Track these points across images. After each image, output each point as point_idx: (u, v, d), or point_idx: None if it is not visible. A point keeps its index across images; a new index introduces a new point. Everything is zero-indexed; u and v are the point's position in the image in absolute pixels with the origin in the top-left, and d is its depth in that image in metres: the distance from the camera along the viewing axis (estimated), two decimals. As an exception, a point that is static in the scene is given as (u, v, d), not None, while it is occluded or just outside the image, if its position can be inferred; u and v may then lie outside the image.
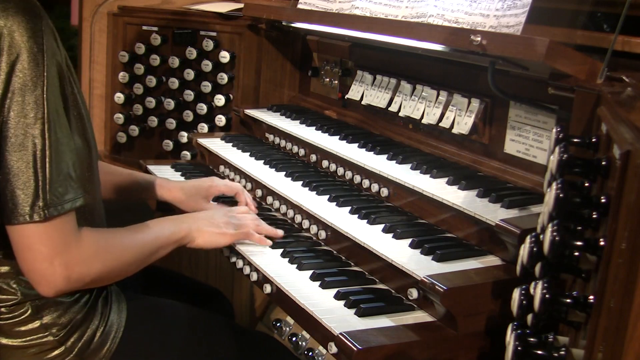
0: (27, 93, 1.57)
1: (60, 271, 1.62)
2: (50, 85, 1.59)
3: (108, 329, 1.81)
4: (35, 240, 1.60)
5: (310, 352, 2.90)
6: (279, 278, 1.91)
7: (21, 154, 1.56)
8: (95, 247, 1.69)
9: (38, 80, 1.58)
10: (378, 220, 2.00)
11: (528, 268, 1.26)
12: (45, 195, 1.57)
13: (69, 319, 1.77)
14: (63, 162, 1.61)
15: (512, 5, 1.92)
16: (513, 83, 2.02)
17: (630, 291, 0.85)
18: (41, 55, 1.58)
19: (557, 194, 1.16)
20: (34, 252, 1.61)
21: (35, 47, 1.57)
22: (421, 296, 1.72)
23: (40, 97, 1.58)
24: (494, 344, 1.65)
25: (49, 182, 1.58)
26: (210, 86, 3.11)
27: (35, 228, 1.59)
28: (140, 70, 3.21)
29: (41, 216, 1.57)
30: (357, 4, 2.44)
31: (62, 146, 1.61)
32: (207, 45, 3.10)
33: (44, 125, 1.58)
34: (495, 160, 2.12)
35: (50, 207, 1.58)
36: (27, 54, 1.56)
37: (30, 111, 1.57)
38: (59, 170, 1.60)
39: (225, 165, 2.75)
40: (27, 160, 1.57)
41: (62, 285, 1.64)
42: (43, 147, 1.57)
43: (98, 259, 1.70)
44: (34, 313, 1.74)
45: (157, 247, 1.89)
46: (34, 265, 1.62)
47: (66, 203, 1.60)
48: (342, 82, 2.83)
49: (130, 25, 3.22)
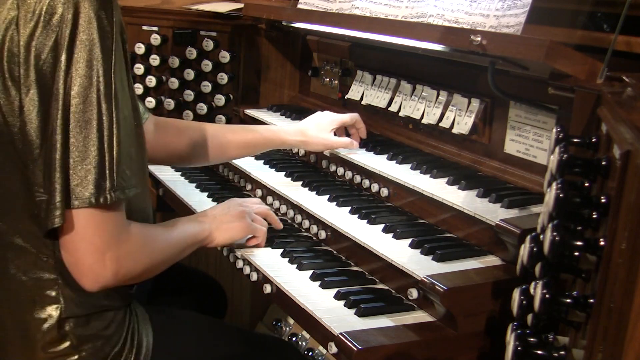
0: (96, 67, 1.45)
1: (110, 265, 1.52)
2: (117, 60, 1.49)
3: (137, 357, 1.74)
4: (90, 230, 1.48)
5: (310, 352, 2.90)
6: (279, 278, 1.91)
7: (87, 131, 1.44)
8: (142, 241, 1.62)
9: (106, 54, 1.47)
10: (378, 220, 2.00)
11: (528, 268, 1.26)
12: (112, 176, 1.46)
13: (106, 354, 1.69)
14: (128, 142, 1.51)
15: (512, 5, 1.92)
16: (513, 83, 2.02)
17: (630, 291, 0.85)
18: (110, 27, 1.48)
19: (557, 194, 1.16)
20: (87, 244, 1.49)
21: (104, 18, 1.47)
22: (421, 296, 1.72)
23: (109, 71, 1.47)
24: (494, 344, 1.65)
25: (117, 162, 1.46)
26: (210, 86, 3.11)
27: (94, 214, 1.47)
28: (140, 70, 3.21)
29: (107, 199, 1.45)
30: (357, 4, 2.44)
31: (128, 126, 1.51)
32: (207, 45, 3.10)
33: (111, 101, 1.46)
34: (495, 160, 2.12)
35: (117, 190, 1.46)
36: (95, 25, 1.45)
37: (97, 86, 1.46)
38: (126, 150, 1.49)
39: (225, 165, 2.75)
40: (93, 138, 1.44)
41: (110, 281, 1.54)
42: (110, 125, 1.46)
43: (144, 253, 1.63)
44: (74, 346, 1.65)
45: (185, 246, 1.84)
46: (84, 257, 1.51)
47: (132, 188, 1.50)
48: (342, 82, 2.83)
49: (130, 25, 3.21)
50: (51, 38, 1.46)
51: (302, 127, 2.41)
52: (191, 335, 1.93)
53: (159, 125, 2.26)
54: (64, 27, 1.45)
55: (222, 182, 2.70)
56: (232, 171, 2.70)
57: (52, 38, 1.46)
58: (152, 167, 2.82)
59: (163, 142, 2.25)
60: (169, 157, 2.31)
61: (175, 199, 2.57)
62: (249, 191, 2.56)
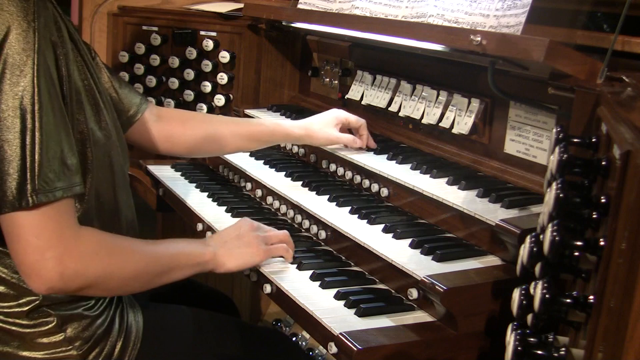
0: (16, 71, 1.48)
1: (52, 265, 1.51)
2: (41, 67, 1.50)
3: (126, 342, 1.77)
4: (25, 229, 1.49)
5: (310, 352, 2.90)
6: (279, 278, 1.90)
7: (10, 135, 1.47)
8: (95, 246, 1.60)
9: (28, 60, 1.49)
10: (378, 220, 2.00)
11: (528, 268, 1.26)
12: (33, 179, 1.47)
13: (92, 333, 1.72)
14: (55, 146, 1.51)
15: (512, 5, 1.92)
16: (513, 83, 2.01)
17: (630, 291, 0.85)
18: (32, 32, 1.49)
19: (557, 194, 1.16)
20: (24, 243, 1.50)
21: (24, 23, 1.49)
22: (421, 296, 1.72)
23: (31, 75, 1.48)
24: (494, 344, 1.65)
25: (38, 166, 1.48)
26: (210, 86, 3.11)
27: (25, 216, 1.48)
28: (140, 71, 3.21)
29: (29, 203, 1.47)
30: (357, 4, 2.44)
31: (55, 129, 1.51)
32: (207, 45, 3.10)
33: (34, 105, 1.48)
34: (495, 160, 2.12)
35: (39, 193, 1.47)
36: (17, 33, 1.48)
37: (20, 90, 1.47)
38: (49, 154, 1.50)
39: (225, 165, 2.75)
40: (16, 143, 1.47)
41: (55, 282, 1.53)
42: (33, 129, 1.47)
43: (97, 259, 1.59)
44: (58, 325, 1.68)
45: (172, 266, 1.77)
46: (25, 257, 1.51)
47: (57, 190, 1.50)
48: (342, 82, 2.83)
49: (130, 25, 3.21)
50: None
51: (306, 122, 2.43)
52: (183, 320, 1.94)
53: (161, 116, 2.27)
54: None
55: (222, 182, 2.70)
56: (232, 171, 2.70)
57: None
58: (152, 167, 2.82)
59: (166, 133, 2.26)
60: (173, 148, 2.32)
61: (175, 199, 2.57)
62: (249, 191, 2.56)
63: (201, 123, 2.34)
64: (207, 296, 2.44)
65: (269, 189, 2.41)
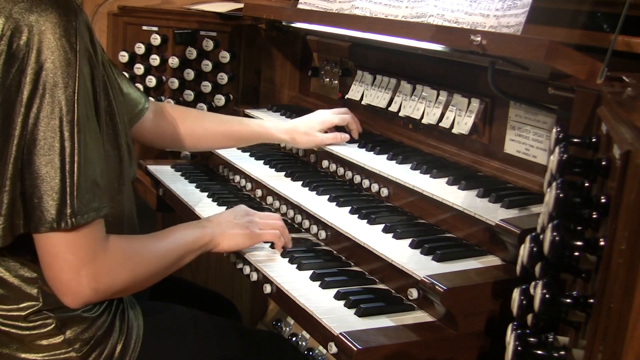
0: (58, 93, 1.50)
1: (86, 282, 1.56)
2: (81, 87, 1.53)
3: (126, 343, 1.78)
4: (61, 249, 1.53)
5: (310, 352, 2.90)
6: (279, 278, 1.91)
7: (50, 157, 1.49)
8: (122, 256, 1.64)
9: (69, 80, 1.51)
10: (378, 220, 2.00)
11: (528, 268, 1.26)
12: (72, 202, 1.50)
13: (92, 334, 1.72)
14: (91, 168, 1.54)
15: (512, 5, 1.92)
16: (513, 83, 2.01)
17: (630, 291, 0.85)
18: (74, 54, 1.51)
19: (557, 194, 1.16)
20: (60, 261, 1.54)
21: (67, 45, 1.50)
22: (421, 296, 1.72)
23: (71, 98, 1.51)
24: (494, 344, 1.65)
25: (77, 188, 1.51)
26: (210, 86, 3.11)
27: (62, 236, 1.52)
28: (140, 70, 3.21)
29: (68, 224, 1.50)
30: (357, 4, 2.44)
31: (91, 152, 1.55)
32: (207, 45, 3.10)
33: (74, 128, 1.51)
34: (495, 160, 2.12)
35: (77, 215, 1.51)
36: (58, 52, 1.49)
37: (60, 113, 1.50)
38: (86, 176, 1.53)
39: (225, 165, 2.75)
40: (55, 165, 1.50)
41: (90, 297, 1.58)
42: (72, 152, 1.51)
43: (125, 268, 1.65)
44: (58, 327, 1.69)
45: (183, 254, 1.84)
46: (60, 275, 1.55)
47: (92, 211, 1.54)
48: (342, 82, 2.83)
49: (130, 25, 3.22)
50: (15, 63, 1.50)
51: (291, 126, 2.48)
52: (183, 322, 1.95)
53: (157, 113, 2.33)
54: (29, 53, 1.49)
55: (222, 182, 2.70)
56: (232, 171, 2.70)
57: (15, 64, 1.50)
58: (152, 167, 2.82)
59: (161, 129, 2.34)
60: (165, 142, 2.42)
61: (175, 198, 2.57)
62: (249, 191, 2.56)
63: (193, 120, 2.41)
64: (208, 298, 2.45)
65: (269, 189, 2.41)
